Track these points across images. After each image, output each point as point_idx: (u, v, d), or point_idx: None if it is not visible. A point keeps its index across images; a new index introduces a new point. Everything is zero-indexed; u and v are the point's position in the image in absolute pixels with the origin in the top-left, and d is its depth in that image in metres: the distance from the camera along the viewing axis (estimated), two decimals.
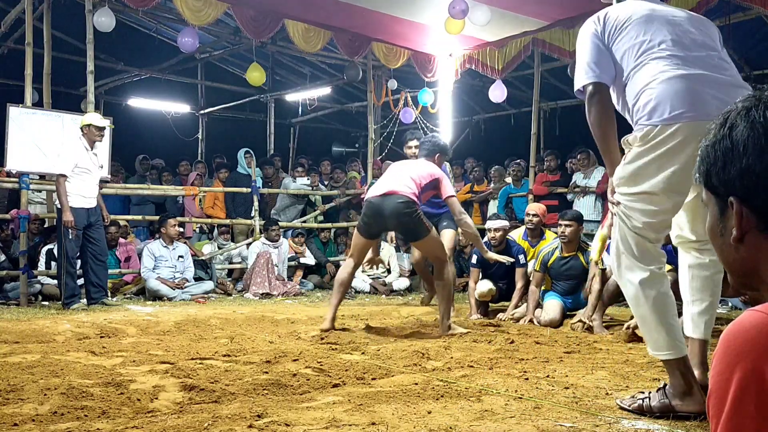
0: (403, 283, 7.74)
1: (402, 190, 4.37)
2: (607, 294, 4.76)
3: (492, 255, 5.06)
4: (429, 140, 4.98)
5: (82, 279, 6.01)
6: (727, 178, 0.87)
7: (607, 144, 2.48)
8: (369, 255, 5.00)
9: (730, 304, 5.98)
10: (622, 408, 2.50)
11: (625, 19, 2.43)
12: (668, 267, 4.33)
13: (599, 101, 2.42)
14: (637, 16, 2.43)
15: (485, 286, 5.39)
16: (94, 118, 5.99)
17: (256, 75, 8.09)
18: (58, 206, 5.72)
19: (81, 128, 5.93)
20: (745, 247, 0.89)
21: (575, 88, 2.54)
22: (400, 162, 4.95)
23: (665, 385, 2.43)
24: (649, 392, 2.48)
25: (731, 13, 6.29)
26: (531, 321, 5.02)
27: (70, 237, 5.65)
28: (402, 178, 4.48)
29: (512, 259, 5.37)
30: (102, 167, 6.15)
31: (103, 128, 6.00)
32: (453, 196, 4.60)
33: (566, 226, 5.03)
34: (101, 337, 4.24)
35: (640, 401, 2.45)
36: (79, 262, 5.90)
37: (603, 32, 2.45)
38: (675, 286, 4.19)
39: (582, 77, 2.45)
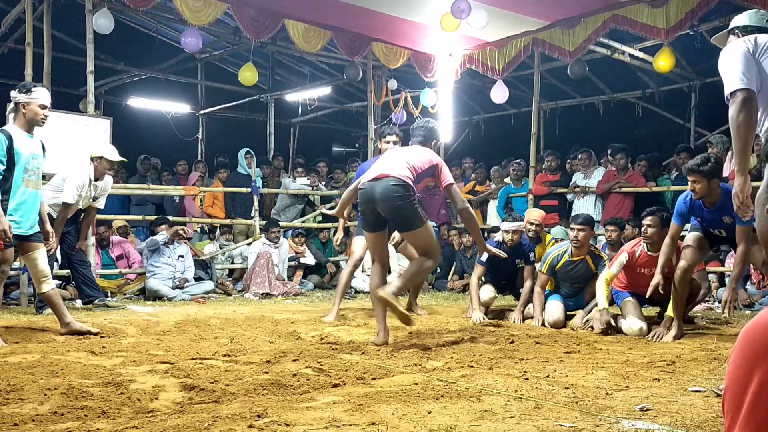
0: None
1: (395, 173, 4.00)
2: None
3: (491, 249, 4.93)
4: (422, 126, 4.48)
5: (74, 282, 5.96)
6: None
7: (747, 147, 2.76)
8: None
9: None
10: (719, 396, 2.56)
11: None
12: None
13: (751, 108, 2.69)
14: None
15: (487, 294, 5.50)
16: (108, 151, 5.60)
17: (248, 75, 8.07)
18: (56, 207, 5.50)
19: (91, 158, 5.56)
20: None
21: (726, 93, 2.76)
22: (395, 149, 4.65)
23: None
24: None
25: (731, 13, 6.27)
26: (543, 324, 5.00)
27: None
28: (397, 163, 4.10)
29: (505, 255, 5.37)
30: (96, 199, 5.73)
31: (116, 163, 5.68)
32: (453, 183, 4.26)
33: (579, 230, 4.99)
34: (101, 337, 4.24)
35: None
36: (55, 265, 5.68)
37: (755, 50, 2.78)
38: (692, 271, 4.24)
39: (735, 83, 2.73)
